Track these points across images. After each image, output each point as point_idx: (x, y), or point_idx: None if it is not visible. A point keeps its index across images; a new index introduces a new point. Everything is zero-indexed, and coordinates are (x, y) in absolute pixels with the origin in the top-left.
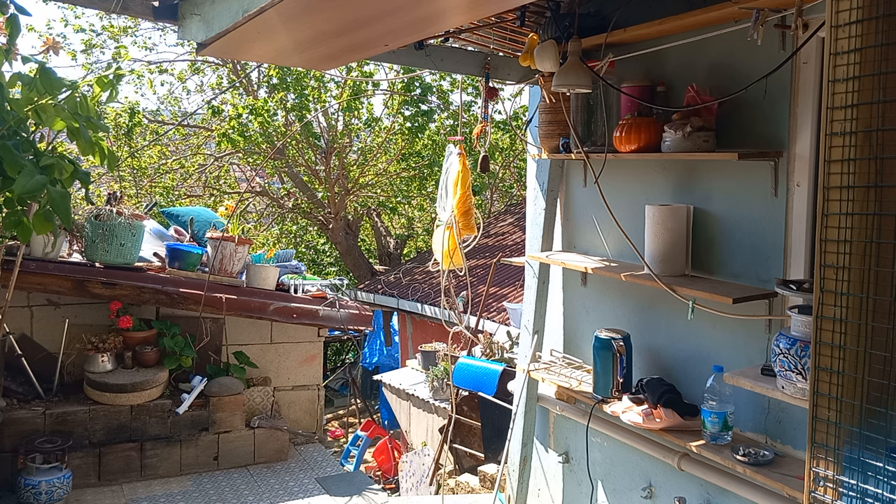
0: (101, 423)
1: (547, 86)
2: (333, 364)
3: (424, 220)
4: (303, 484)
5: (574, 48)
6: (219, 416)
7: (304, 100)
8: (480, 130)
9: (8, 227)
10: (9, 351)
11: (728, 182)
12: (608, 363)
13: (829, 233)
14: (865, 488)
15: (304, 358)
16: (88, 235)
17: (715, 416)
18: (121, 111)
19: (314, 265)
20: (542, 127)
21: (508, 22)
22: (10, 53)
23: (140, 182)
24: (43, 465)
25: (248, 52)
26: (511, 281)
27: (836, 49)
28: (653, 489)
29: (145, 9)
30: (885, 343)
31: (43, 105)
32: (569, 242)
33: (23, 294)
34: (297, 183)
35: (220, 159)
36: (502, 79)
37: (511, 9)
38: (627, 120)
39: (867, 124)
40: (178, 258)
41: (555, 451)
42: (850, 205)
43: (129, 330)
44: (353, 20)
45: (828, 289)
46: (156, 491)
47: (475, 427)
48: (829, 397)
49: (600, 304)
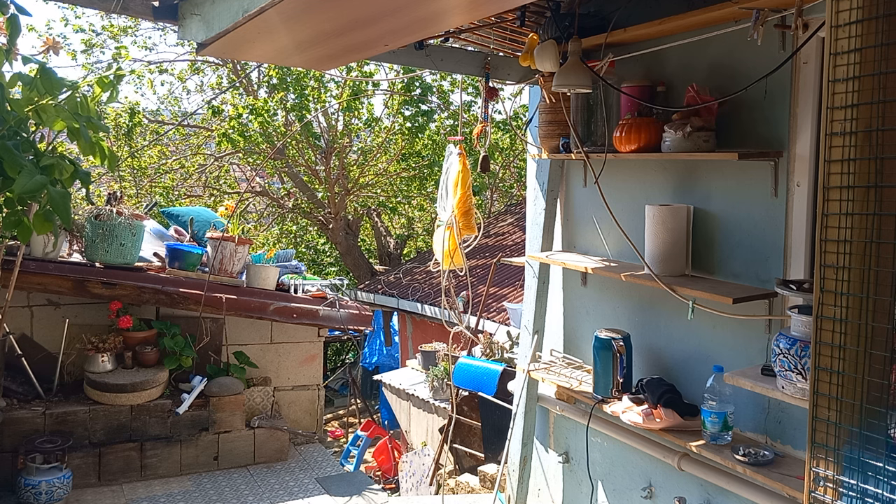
0: (102, 423)
1: (547, 86)
2: (333, 364)
3: (424, 220)
4: (303, 484)
5: (574, 48)
6: (219, 416)
7: (304, 100)
8: (480, 130)
9: (8, 227)
10: (9, 351)
11: (728, 182)
12: (608, 363)
13: (829, 233)
14: (865, 488)
15: (304, 358)
16: (88, 235)
17: (715, 416)
18: (121, 111)
19: (314, 265)
20: (542, 127)
21: (508, 22)
22: (11, 53)
23: (140, 182)
24: (43, 465)
25: (248, 52)
26: (511, 281)
27: (836, 49)
28: (653, 489)
29: (145, 9)
30: (885, 343)
31: (43, 105)
32: (569, 242)
33: (23, 294)
34: (297, 183)
35: (220, 159)
36: (502, 79)
37: (511, 9)
38: (627, 120)
39: (867, 124)
40: (178, 258)
41: (555, 451)
42: (850, 205)
43: (129, 330)
44: (353, 20)
45: (828, 289)
46: (156, 491)
47: (475, 427)
48: (829, 397)
49: (600, 304)
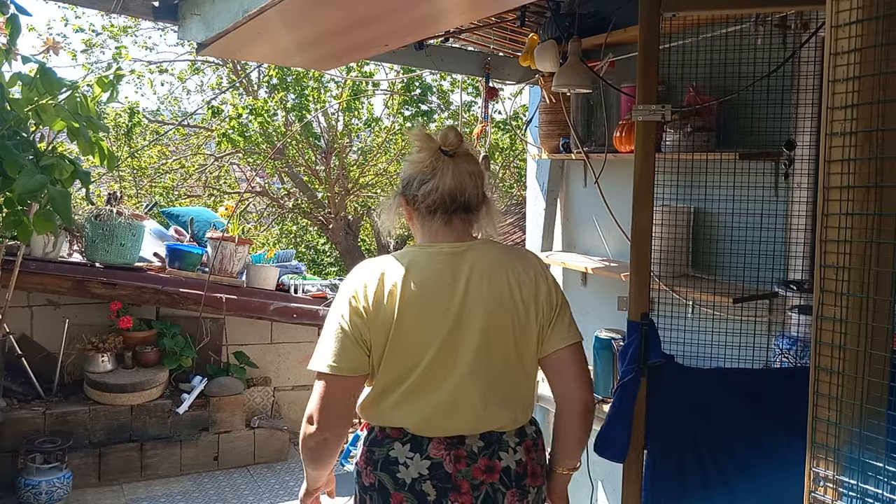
0: (102, 423)
1: (547, 86)
2: None
3: None
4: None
5: (574, 48)
6: (219, 416)
7: (304, 100)
8: (480, 130)
9: (8, 227)
10: (9, 351)
11: (728, 182)
12: (608, 363)
13: (829, 233)
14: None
15: (305, 358)
16: (88, 235)
17: None
18: (121, 111)
19: (314, 265)
20: (542, 127)
21: (508, 22)
22: (11, 53)
23: (140, 182)
24: (43, 465)
25: (248, 52)
26: None
27: (836, 49)
28: None
29: (145, 9)
30: (885, 343)
31: (43, 105)
32: (569, 242)
33: (23, 294)
34: (297, 183)
35: (220, 159)
36: (502, 79)
37: (511, 9)
38: (627, 120)
39: (867, 124)
40: (178, 258)
41: None
42: (850, 205)
43: (129, 330)
44: (353, 20)
45: (828, 289)
46: (156, 491)
47: None
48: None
49: (600, 304)
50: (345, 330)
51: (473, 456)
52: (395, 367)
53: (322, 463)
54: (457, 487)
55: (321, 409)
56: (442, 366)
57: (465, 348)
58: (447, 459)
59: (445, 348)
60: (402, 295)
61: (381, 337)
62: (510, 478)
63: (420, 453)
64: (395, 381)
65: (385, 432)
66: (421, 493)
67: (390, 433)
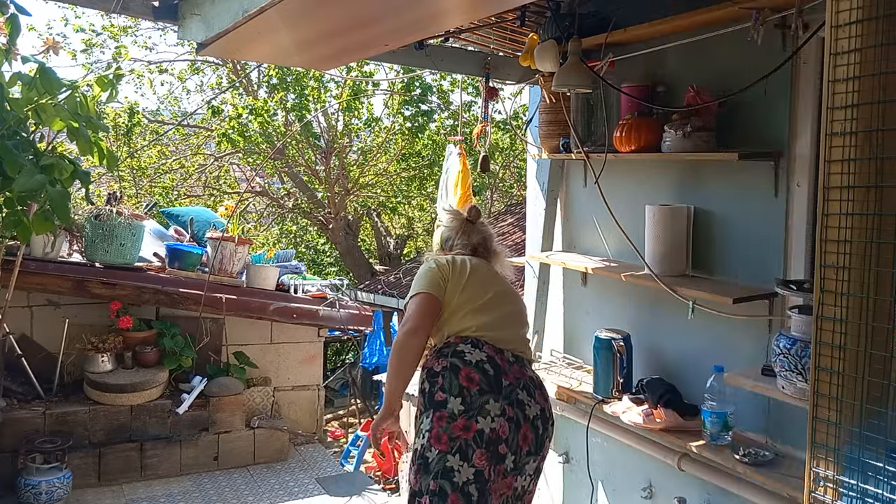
0: (101, 423)
1: (547, 86)
2: (333, 364)
3: (424, 220)
4: (303, 484)
5: (574, 48)
6: (219, 416)
7: (304, 100)
8: (480, 130)
9: (8, 227)
10: (9, 351)
11: (728, 182)
12: (608, 363)
13: (829, 233)
14: (865, 488)
15: (304, 358)
16: (88, 235)
17: (715, 416)
18: (120, 111)
19: (314, 265)
20: (543, 127)
21: (508, 22)
22: (10, 53)
23: (140, 182)
24: (43, 465)
25: (248, 52)
26: None
27: (836, 49)
28: (653, 489)
29: (145, 9)
30: (885, 343)
31: (43, 105)
32: (569, 242)
33: (23, 294)
34: (297, 183)
35: (220, 159)
36: (502, 79)
37: (511, 9)
38: (627, 120)
39: (867, 124)
40: (178, 258)
41: (555, 452)
42: (850, 205)
43: (129, 330)
44: (353, 20)
45: (828, 289)
46: (156, 491)
47: None
48: (829, 397)
49: (600, 304)
50: (435, 273)
51: (510, 363)
52: (466, 299)
53: (406, 363)
54: (506, 373)
55: (417, 314)
56: (493, 304)
57: (504, 301)
58: (497, 358)
59: (495, 296)
60: (470, 263)
61: (456, 283)
62: (534, 384)
63: (478, 349)
64: (466, 302)
65: (450, 340)
66: (483, 370)
67: (454, 341)
